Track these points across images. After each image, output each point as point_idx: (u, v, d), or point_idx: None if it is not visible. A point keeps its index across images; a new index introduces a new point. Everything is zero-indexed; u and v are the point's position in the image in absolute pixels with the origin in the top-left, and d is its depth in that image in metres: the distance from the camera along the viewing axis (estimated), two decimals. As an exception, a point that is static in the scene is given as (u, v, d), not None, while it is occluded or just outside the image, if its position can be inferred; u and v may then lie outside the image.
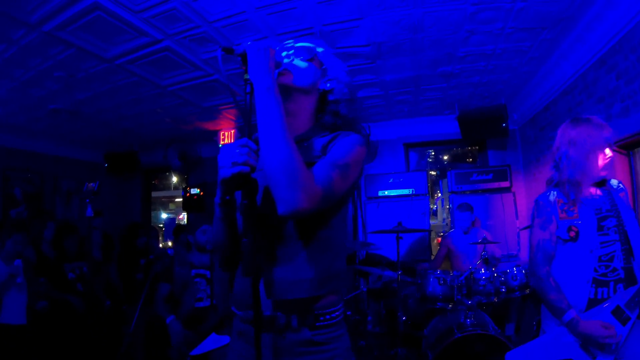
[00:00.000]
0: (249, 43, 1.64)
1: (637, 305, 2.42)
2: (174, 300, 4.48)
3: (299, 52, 1.90)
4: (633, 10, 4.02)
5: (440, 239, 7.37)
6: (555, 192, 2.76)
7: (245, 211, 1.52)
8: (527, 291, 4.83)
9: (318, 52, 1.95)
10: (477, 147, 9.48)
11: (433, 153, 11.74)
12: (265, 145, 1.55)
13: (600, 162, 2.67)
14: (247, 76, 1.61)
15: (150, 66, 5.34)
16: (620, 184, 2.81)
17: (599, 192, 2.74)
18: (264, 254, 1.71)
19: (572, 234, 2.61)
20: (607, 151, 2.68)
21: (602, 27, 4.56)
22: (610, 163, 2.71)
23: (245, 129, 1.57)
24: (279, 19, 4.47)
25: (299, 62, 1.87)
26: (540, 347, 2.66)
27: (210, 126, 8.24)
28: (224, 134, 8.39)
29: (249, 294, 1.62)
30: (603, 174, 2.70)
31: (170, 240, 7.46)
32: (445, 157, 11.86)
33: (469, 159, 11.08)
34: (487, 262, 5.11)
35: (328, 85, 1.94)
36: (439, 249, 6.50)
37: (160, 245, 9.05)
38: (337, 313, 1.78)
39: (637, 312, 2.43)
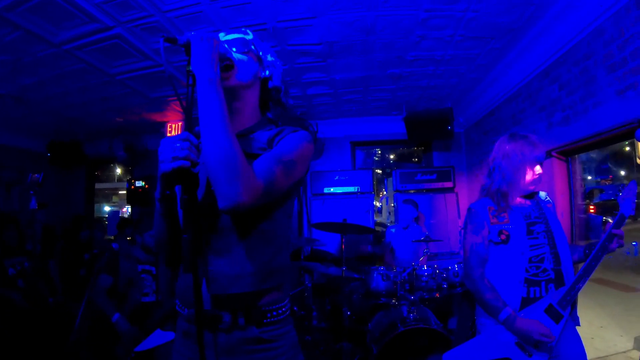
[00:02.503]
0: (193, 33, 1.59)
1: (568, 303, 2.53)
2: (118, 294, 4.41)
3: (234, 44, 1.85)
4: (579, 26, 4.23)
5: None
6: (487, 200, 2.90)
7: (185, 206, 1.48)
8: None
9: (250, 40, 1.90)
10: (422, 148, 9.68)
11: (379, 152, 11.88)
12: (206, 139, 1.52)
13: (529, 177, 2.80)
14: (189, 68, 1.57)
15: (99, 53, 5.18)
16: (547, 197, 3.00)
17: (527, 202, 2.88)
18: (205, 249, 1.68)
19: (503, 237, 2.73)
20: (537, 168, 2.82)
21: (548, 41, 4.76)
22: (539, 179, 2.84)
23: (187, 122, 1.53)
24: (234, 12, 4.43)
25: (239, 56, 1.82)
26: (477, 346, 2.74)
27: (157, 117, 8.07)
28: (171, 126, 8.22)
29: (192, 292, 1.59)
30: (531, 188, 2.85)
31: (114, 234, 7.26)
32: (391, 157, 12.02)
33: (414, 159, 11.27)
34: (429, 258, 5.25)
35: (267, 72, 1.92)
36: (383, 242, 6.61)
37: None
38: (283, 309, 1.78)
39: (568, 310, 2.54)
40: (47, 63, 5.34)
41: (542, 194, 2.99)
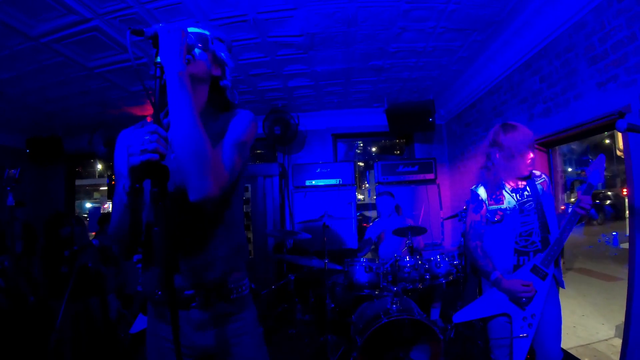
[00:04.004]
0: (160, 25, 1.61)
1: (550, 262, 3.00)
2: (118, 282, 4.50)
3: (194, 38, 1.83)
4: (560, 19, 4.26)
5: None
6: (484, 187, 3.32)
7: (155, 200, 1.49)
8: (451, 278, 5.01)
9: (208, 36, 1.91)
10: (404, 140, 9.71)
11: (361, 144, 11.90)
12: (177, 133, 1.57)
13: (523, 163, 3.18)
14: (158, 59, 1.58)
15: (77, 46, 5.09)
16: (542, 175, 3.35)
17: (523, 182, 3.27)
18: (178, 240, 1.77)
19: (498, 217, 3.20)
20: (530, 155, 3.18)
21: (530, 33, 4.79)
22: (532, 163, 3.20)
23: (155, 115, 1.55)
24: (213, 3, 4.39)
25: (197, 50, 1.84)
26: (479, 305, 3.24)
27: (138, 111, 7.97)
28: (151, 120, 8.13)
29: (162, 279, 1.69)
30: (526, 172, 3.21)
31: (95, 230, 7.15)
32: (374, 149, 12.05)
33: (396, 151, 11.31)
34: (412, 250, 5.24)
35: (218, 71, 1.95)
36: (365, 238, 6.58)
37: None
38: (245, 285, 1.98)
39: (552, 268, 3.02)
40: (25, 57, 5.22)
41: (536, 172, 3.34)
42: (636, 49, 3.34)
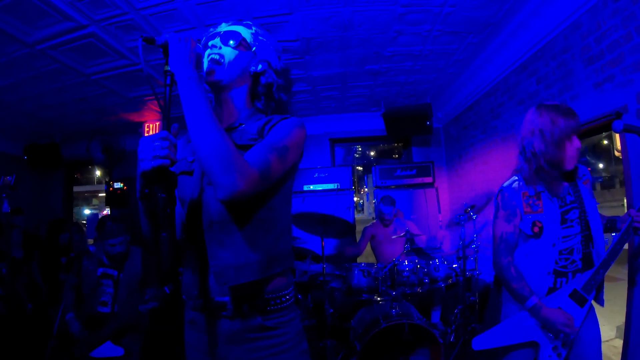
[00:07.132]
0: (170, 34, 1.62)
1: (592, 288, 2.52)
2: (81, 296, 4.24)
3: (226, 37, 1.86)
4: (556, 20, 4.26)
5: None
6: (520, 183, 2.66)
7: (164, 205, 1.50)
8: (450, 281, 4.98)
9: (246, 34, 1.90)
10: (402, 144, 9.71)
11: (360, 149, 11.90)
12: (195, 135, 1.54)
13: (568, 152, 2.53)
14: (167, 67, 1.59)
15: (74, 53, 5.10)
16: (585, 171, 2.74)
17: (564, 183, 2.66)
18: (207, 243, 1.71)
19: (536, 229, 2.58)
20: (575, 141, 2.54)
21: (526, 35, 4.80)
22: (579, 154, 2.57)
23: (165, 122, 1.55)
24: (209, 9, 4.40)
25: (227, 51, 1.83)
26: (504, 331, 2.72)
27: (134, 117, 7.97)
28: (149, 126, 8.12)
29: (195, 283, 1.74)
30: (570, 166, 2.57)
31: (94, 237, 7.11)
32: (372, 153, 12.06)
33: (394, 155, 11.30)
34: (419, 252, 5.21)
35: (259, 67, 1.90)
36: (362, 237, 6.55)
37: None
38: (287, 297, 1.79)
39: (593, 295, 2.55)
40: (22, 64, 5.24)
41: (579, 169, 2.72)
42: (632, 48, 3.34)
